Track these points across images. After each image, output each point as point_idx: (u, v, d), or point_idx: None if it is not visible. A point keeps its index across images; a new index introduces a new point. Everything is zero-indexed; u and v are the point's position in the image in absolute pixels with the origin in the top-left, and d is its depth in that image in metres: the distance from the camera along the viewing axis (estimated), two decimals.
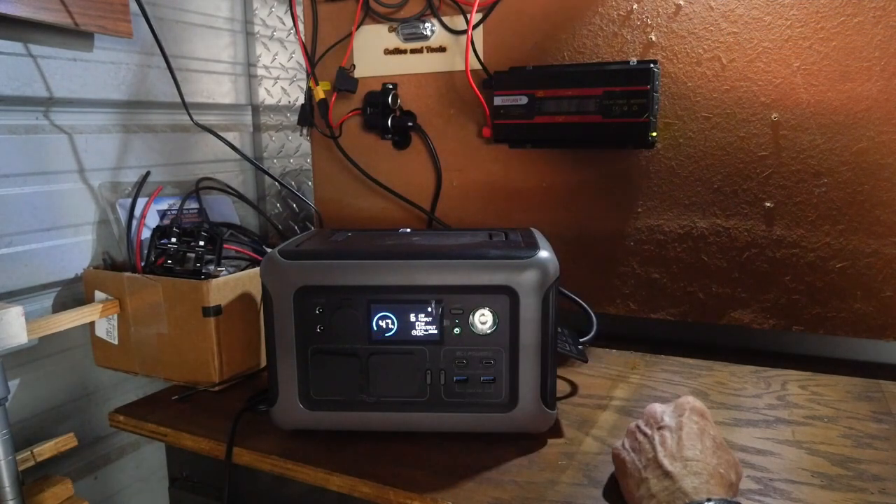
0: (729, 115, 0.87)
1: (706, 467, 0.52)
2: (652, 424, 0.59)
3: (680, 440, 0.55)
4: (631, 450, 0.58)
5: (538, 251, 0.65)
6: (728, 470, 0.54)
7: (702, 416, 0.59)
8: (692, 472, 0.52)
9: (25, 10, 0.81)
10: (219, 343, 0.82)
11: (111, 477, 1.02)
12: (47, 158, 0.90)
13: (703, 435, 0.56)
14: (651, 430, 0.58)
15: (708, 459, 0.53)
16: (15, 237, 0.86)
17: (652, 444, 0.57)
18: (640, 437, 0.58)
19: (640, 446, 0.57)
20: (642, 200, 0.93)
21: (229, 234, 0.99)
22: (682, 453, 0.54)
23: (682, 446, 0.55)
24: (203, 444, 0.72)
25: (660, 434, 0.57)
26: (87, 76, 0.94)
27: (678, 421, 0.58)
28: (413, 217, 1.08)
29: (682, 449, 0.55)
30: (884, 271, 0.82)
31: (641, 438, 0.58)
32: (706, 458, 0.53)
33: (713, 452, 0.54)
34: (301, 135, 1.31)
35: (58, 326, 0.81)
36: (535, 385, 0.65)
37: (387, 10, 1.03)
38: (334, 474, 0.64)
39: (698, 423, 0.58)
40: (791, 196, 0.85)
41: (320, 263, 0.67)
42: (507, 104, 0.94)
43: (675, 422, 0.58)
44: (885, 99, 0.79)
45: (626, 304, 0.97)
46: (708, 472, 0.52)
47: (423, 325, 0.66)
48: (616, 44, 0.91)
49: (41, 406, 0.91)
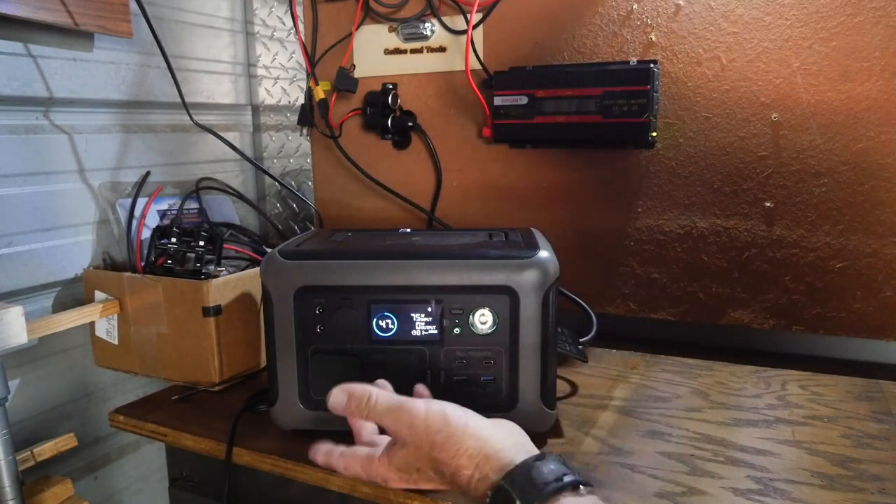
0: (729, 115, 0.87)
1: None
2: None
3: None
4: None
5: (538, 251, 0.65)
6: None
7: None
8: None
9: (25, 10, 0.81)
10: (219, 343, 0.82)
11: (111, 477, 1.02)
12: (47, 158, 0.90)
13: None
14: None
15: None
16: (15, 237, 0.86)
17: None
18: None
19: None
20: (642, 200, 0.93)
21: (229, 234, 1.00)
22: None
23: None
24: (203, 444, 0.72)
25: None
26: (87, 76, 0.94)
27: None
28: (413, 217, 1.08)
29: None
30: (884, 271, 0.82)
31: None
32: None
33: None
34: (301, 135, 1.31)
35: (58, 326, 0.81)
36: (535, 385, 0.65)
37: (387, 10, 1.03)
38: (334, 474, 0.64)
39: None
40: (791, 196, 0.85)
41: (320, 263, 0.67)
42: (507, 104, 0.94)
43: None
44: (885, 99, 0.79)
45: (626, 304, 0.97)
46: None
47: (423, 325, 0.66)
48: (616, 44, 0.91)
49: (41, 406, 0.91)
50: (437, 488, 0.57)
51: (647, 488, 0.59)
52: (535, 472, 0.49)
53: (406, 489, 0.59)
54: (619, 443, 0.68)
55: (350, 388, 0.58)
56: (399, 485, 0.57)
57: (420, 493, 0.59)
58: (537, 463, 0.50)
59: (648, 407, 0.76)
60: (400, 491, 0.60)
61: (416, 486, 0.57)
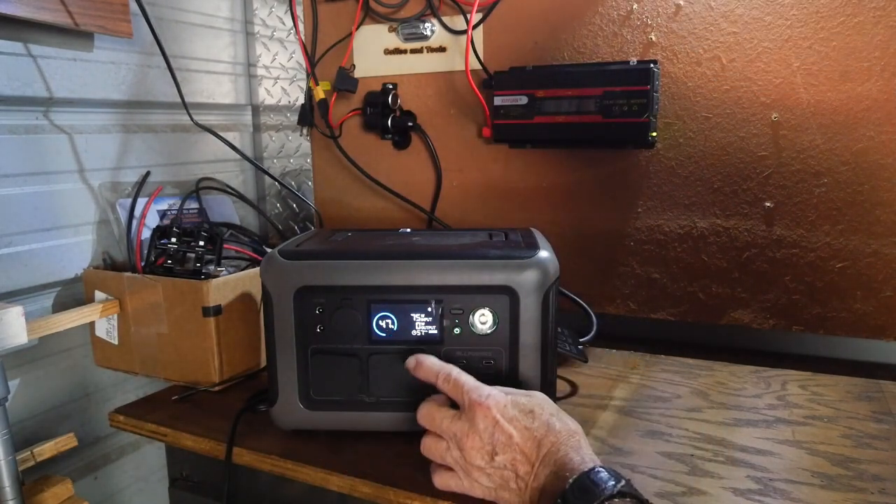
0: (729, 115, 0.87)
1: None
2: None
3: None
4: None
5: (538, 251, 0.65)
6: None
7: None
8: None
9: (25, 10, 0.81)
10: (219, 343, 0.82)
11: (111, 477, 1.02)
12: (47, 158, 0.90)
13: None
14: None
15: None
16: (15, 237, 0.86)
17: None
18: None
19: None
20: (642, 200, 0.93)
21: (229, 234, 1.00)
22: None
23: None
24: (203, 444, 0.72)
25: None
26: (87, 76, 0.94)
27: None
28: (413, 217, 1.08)
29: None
30: (884, 271, 0.82)
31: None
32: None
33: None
34: (301, 135, 1.31)
35: (58, 326, 0.81)
36: (535, 385, 0.65)
37: (387, 10, 1.03)
38: (334, 474, 0.64)
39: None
40: (791, 196, 0.85)
41: (320, 263, 0.67)
42: (507, 104, 0.94)
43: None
44: (885, 99, 0.79)
45: (626, 304, 0.97)
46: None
47: (423, 325, 0.66)
48: (616, 44, 0.91)
49: (41, 406, 0.91)
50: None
51: (647, 488, 0.59)
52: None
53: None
54: (619, 443, 0.68)
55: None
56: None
57: (420, 492, 0.59)
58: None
59: (648, 407, 0.76)
60: (400, 491, 0.60)
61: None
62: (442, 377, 0.60)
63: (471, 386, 0.58)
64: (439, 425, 0.58)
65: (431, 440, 0.59)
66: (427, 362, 0.62)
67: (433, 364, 0.62)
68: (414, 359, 0.63)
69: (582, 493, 0.48)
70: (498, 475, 0.55)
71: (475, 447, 0.55)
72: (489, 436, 0.55)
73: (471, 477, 0.56)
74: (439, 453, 0.58)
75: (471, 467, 0.55)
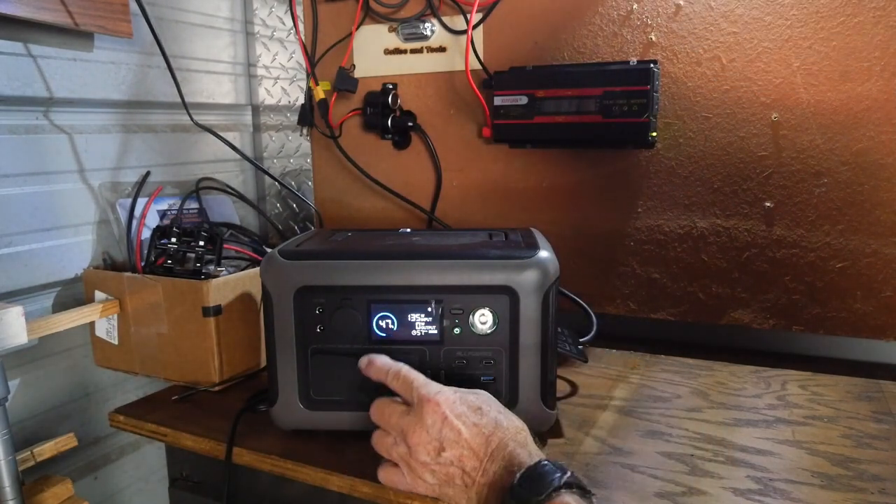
0: (729, 115, 0.87)
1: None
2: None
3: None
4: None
5: (538, 251, 0.65)
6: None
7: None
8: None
9: (25, 10, 0.81)
10: (219, 343, 0.82)
11: (111, 477, 1.02)
12: (47, 158, 0.90)
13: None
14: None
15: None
16: (15, 237, 0.86)
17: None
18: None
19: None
20: (642, 200, 0.93)
21: (229, 234, 1.00)
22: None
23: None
24: (203, 444, 0.72)
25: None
26: (87, 76, 0.94)
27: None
28: (413, 217, 1.08)
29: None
30: (884, 271, 0.82)
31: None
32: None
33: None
34: (301, 135, 1.31)
35: (58, 326, 0.81)
36: (535, 385, 0.65)
37: (387, 10, 1.03)
38: (334, 474, 0.64)
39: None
40: (791, 196, 0.85)
41: (320, 263, 0.67)
42: (507, 104, 0.94)
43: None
44: (885, 99, 0.79)
45: (626, 304, 0.97)
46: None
47: (423, 325, 0.66)
48: (616, 44, 0.91)
49: (41, 406, 0.91)
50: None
51: (647, 488, 0.59)
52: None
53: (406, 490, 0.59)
54: (619, 443, 0.68)
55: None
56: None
57: (420, 494, 0.59)
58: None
59: (648, 407, 0.76)
60: (400, 491, 0.60)
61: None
62: (392, 374, 0.61)
63: (420, 382, 0.59)
64: (388, 420, 0.59)
65: (380, 434, 0.60)
66: (378, 361, 0.63)
67: (384, 363, 0.62)
68: (366, 358, 0.64)
69: (530, 486, 0.49)
70: (443, 472, 0.55)
71: (422, 443, 0.55)
72: (437, 431, 0.55)
73: (414, 473, 0.56)
74: (385, 448, 0.59)
75: (416, 463, 0.56)
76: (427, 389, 0.58)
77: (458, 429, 0.55)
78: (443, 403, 0.56)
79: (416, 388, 0.58)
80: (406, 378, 0.60)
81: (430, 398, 0.57)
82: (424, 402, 0.57)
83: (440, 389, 0.58)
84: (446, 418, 0.55)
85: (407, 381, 0.59)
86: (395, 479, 0.58)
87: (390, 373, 0.61)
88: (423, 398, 0.57)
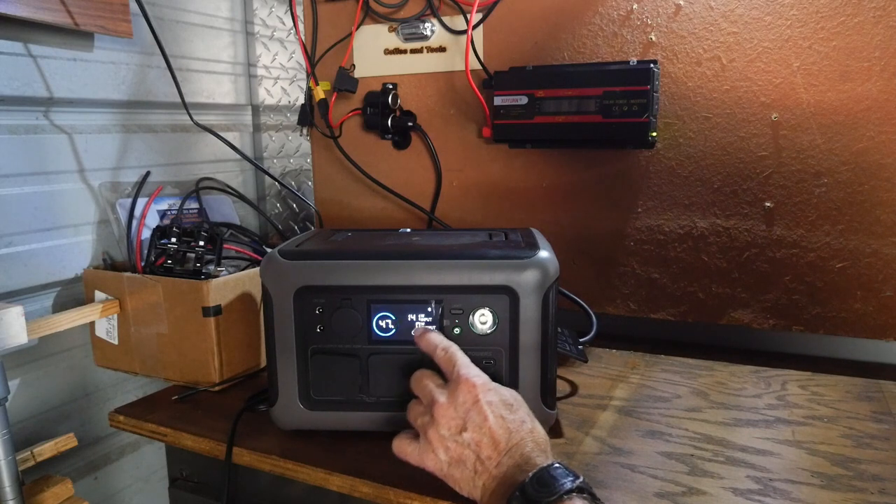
0: (729, 115, 0.87)
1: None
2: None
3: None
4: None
5: (538, 251, 0.65)
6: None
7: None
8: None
9: (25, 10, 0.81)
10: (219, 343, 0.82)
11: (111, 477, 1.02)
12: (47, 158, 0.90)
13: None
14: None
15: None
16: (15, 237, 0.86)
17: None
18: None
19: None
20: (642, 200, 0.93)
21: (229, 234, 1.00)
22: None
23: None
24: (203, 444, 0.72)
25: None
26: (87, 76, 0.94)
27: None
28: (413, 217, 1.08)
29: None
30: (884, 271, 0.82)
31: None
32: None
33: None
34: (301, 135, 1.31)
35: (58, 326, 0.81)
36: (535, 385, 0.65)
37: (387, 10, 1.03)
38: (334, 474, 0.64)
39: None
40: (791, 196, 0.85)
41: (320, 263, 0.67)
42: (507, 104, 0.94)
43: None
44: (885, 99, 0.79)
45: (626, 304, 0.97)
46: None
47: (424, 325, 0.66)
48: (616, 44, 0.91)
49: (41, 406, 0.91)
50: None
51: (647, 488, 0.59)
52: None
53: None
54: (619, 443, 0.68)
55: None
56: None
57: (420, 492, 0.59)
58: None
59: (648, 407, 0.76)
60: (400, 491, 0.60)
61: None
62: (441, 348, 0.62)
63: (464, 362, 0.60)
64: (424, 387, 0.60)
65: (414, 403, 0.61)
66: (431, 335, 0.63)
67: (436, 337, 0.63)
68: (422, 329, 0.64)
69: (541, 487, 0.49)
70: (457, 451, 0.55)
71: (447, 416, 0.56)
72: (465, 411, 0.55)
73: (430, 445, 0.56)
74: (414, 415, 0.60)
75: (435, 435, 0.56)
76: (468, 371, 0.58)
77: (486, 415, 0.55)
78: (479, 387, 0.57)
79: (459, 366, 0.59)
80: (453, 355, 0.61)
81: (469, 378, 0.57)
82: (462, 381, 0.57)
83: (480, 374, 0.59)
84: (477, 401, 0.56)
85: (453, 357, 0.60)
86: (406, 449, 0.59)
87: (440, 346, 0.62)
88: (462, 377, 0.57)
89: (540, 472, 0.50)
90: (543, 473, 0.50)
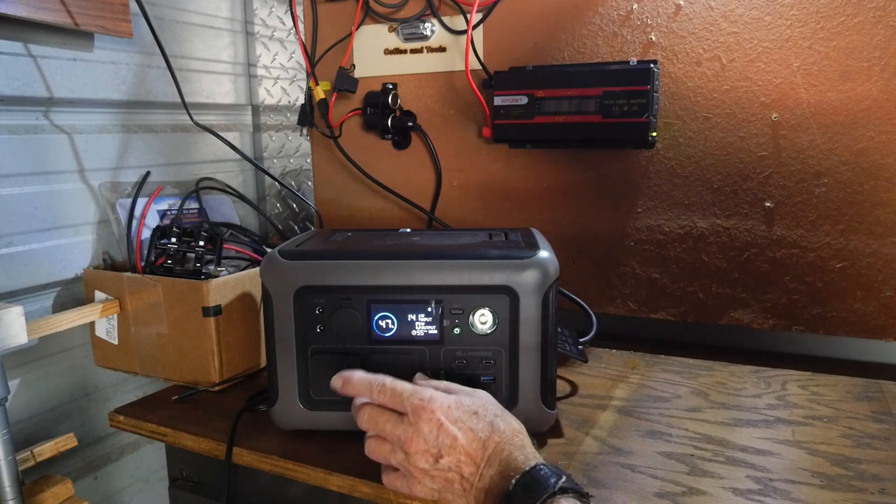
0: (729, 115, 0.87)
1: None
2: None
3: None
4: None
5: (538, 251, 0.65)
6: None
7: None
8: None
9: (25, 10, 0.81)
10: (219, 343, 0.82)
11: (111, 477, 1.02)
12: (47, 158, 0.90)
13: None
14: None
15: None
16: (15, 237, 0.86)
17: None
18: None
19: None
20: (642, 200, 0.93)
21: (229, 234, 1.00)
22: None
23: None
24: (203, 444, 0.72)
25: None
26: (87, 76, 0.94)
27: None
28: (413, 217, 1.08)
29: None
30: (884, 271, 0.82)
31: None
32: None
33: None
34: (301, 135, 1.31)
35: (58, 326, 0.81)
36: (535, 385, 0.65)
37: (387, 10, 1.03)
38: (334, 474, 0.64)
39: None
40: (791, 196, 0.85)
41: (320, 263, 0.67)
42: (507, 104, 0.94)
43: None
44: (885, 99, 0.79)
45: (626, 304, 0.97)
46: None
47: (423, 325, 0.66)
48: (616, 44, 0.91)
49: (41, 406, 0.91)
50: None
51: (647, 488, 0.59)
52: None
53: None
54: (619, 443, 0.68)
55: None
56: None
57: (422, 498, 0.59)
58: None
59: (648, 407, 0.76)
60: (400, 493, 0.60)
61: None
62: (376, 389, 0.59)
63: (409, 392, 0.57)
64: (382, 428, 0.58)
65: (375, 442, 0.59)
66: (355, 377, 0.61)
67: (363, 378, 0.60)
68: (339, 377, 0.61)
69: (526, 492, 0.49)
70: (442, 477, 0.55)
71: (420, 451, 0.55)
72: (434, 438, 0.55)
73: (415, 479, 0.56)
74: (384, 455, 0.58)
75: (415, 470, 0.55)
76: (419, 397, 0.57)
77: (455, 434, 0.54)
78: (437, 410, 0.55)
79: (407, 398, 0.57)
80: (393, 390, 0.58)
81: (424, 406, 0.56)
82: (419, 411, 0.56)
83: (431, 395, 0.57)
84: (442, 425, 0.55)
85: (395, 392, 0.58)
86: (397, 483, 0.58)
87: (374, 387, 0.59)
88: (417, 407, 0.56)
89: (523, 478, 0.50)
90: (527, 478, 0.50)
